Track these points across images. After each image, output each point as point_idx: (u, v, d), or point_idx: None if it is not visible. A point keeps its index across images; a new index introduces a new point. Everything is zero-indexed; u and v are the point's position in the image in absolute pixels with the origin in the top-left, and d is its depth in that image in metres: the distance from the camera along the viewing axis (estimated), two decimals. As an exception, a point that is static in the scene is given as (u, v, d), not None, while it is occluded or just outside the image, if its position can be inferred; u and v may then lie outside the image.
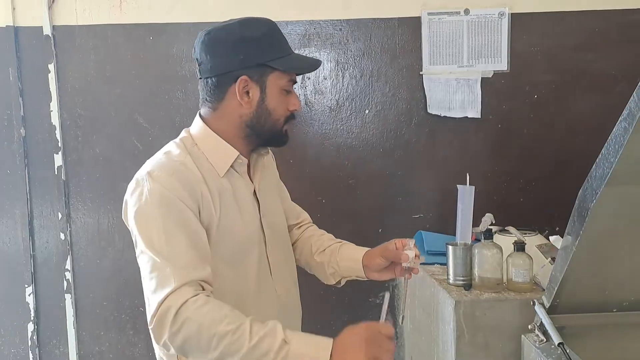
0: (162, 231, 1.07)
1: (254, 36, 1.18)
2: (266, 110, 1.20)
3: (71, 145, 2.13)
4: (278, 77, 1.19)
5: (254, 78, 1.18)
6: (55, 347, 2.18)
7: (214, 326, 0.99)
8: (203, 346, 1.00)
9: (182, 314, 1.00)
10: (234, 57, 1.17)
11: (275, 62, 1.18)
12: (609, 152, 1.14)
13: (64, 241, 2.14)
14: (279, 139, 1.26)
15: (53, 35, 2.09)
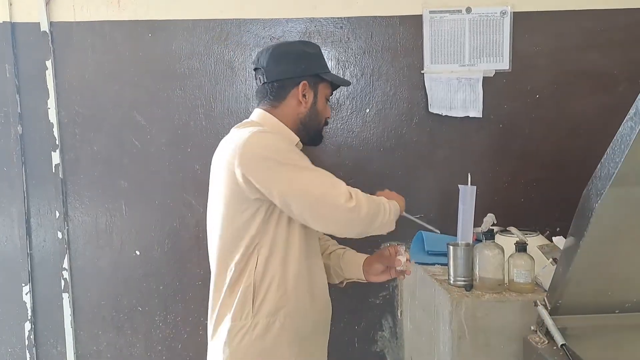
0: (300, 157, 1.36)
1: (312, 52, 1.51)
2: (316, 112, 1.51)
3: (69, 143, 2.11)
4: (325, 87, 1.53)
5: (311, 84, 1.48)
6: (52, 346, 2.17)
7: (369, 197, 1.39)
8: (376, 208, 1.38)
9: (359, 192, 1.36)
10: (297, 66, 1.47)
11: (326, 75, 1.52)
12: (614, 152, 1.13)
13: (61, 240, 2.12)
14: (317, 138, 1.55)
15: (50, 31, 2.07)
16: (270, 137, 1.36)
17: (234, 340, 1.37)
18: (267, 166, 1.31)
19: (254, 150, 1.32)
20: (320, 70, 1.50)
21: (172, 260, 2.15)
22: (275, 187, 1.31)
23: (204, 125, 2.12)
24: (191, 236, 2.14)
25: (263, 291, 1.37)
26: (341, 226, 1.35)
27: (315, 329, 1.48)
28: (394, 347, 2.23)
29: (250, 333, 1.37)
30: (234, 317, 1.38)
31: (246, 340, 1.37)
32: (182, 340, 2.18)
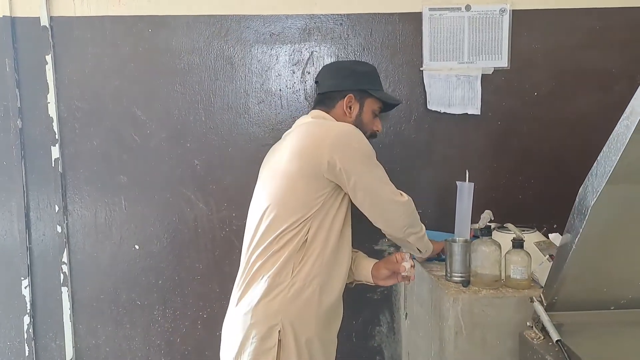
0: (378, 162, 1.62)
1: (362, 70, 1.75)
2: (361, 123, 1.69)
3: (68, 138, 2.11)
4: (373, 102, 1.72)
5: (357, 97, 1.69)
6: (51, 340, 2.17)
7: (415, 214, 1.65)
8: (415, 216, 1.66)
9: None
10: (346, 80, 1.70)
11: (374, 91, 1.72)
12: (610, 150, 1.14)
13: (60, 234, 2.13)
14: None
15: (51, 26, 2.07)
16: (358, 130, 1.59)
17: (268, 296, 1.51)
18: (356, 156, 1.53)
19: (350, 138, 1.55)
20: (368, 87, 1.71)
21: (171, 254, 2.16)
22: (354, 175, 1.52)
23: (204, 121, 2.12)
24: (190, 231, 2.15)
25: (305, 259, 1.53)
26: (394, 217, 1.59)
27: (336, 307, 1.61)
28: (391, 342, 2.25)
29: (286, 291, 1.51)
30: (272, 277, 1.52)
31: (280, 297, 1.50)
32: (181, 334, 2.19)
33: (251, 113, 2.13)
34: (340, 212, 1.58)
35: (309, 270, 1.53)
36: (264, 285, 1.52)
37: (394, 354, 2.25)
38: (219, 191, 2.14)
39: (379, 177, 1.59)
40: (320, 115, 1.69)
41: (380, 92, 1.75)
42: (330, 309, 1.57)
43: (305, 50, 2.11)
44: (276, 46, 2.11)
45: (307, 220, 1.53)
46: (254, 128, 2.13)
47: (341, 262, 1.60)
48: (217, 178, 2.14)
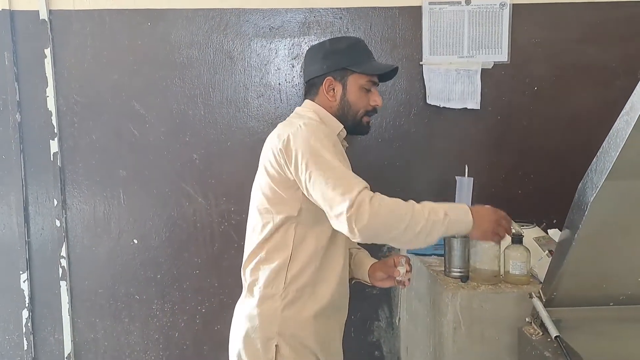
0: (332, 154, 1.39)
1: (339, 48, 1.59)
2: (347, 103, 1.58)
3: (67, 132, 2.11)
4: (357, 77, 1.58)
5: (337, 78, 1.58)
6: (49, 334, 2.18)
7: (398, 209, 1.33)
8: (392, 224, 1.32)
9: (374, 204, 1.31)
10: (324, 64, 1.58)
11: (354, 66, 1.57)
12: (610, 146, 1.13)
13: (59, 228, 2.13)
14: (359, 128, 1.62)
15: (49, 19, 2.06)
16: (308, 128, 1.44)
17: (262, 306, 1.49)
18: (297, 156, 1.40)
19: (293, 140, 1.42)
20: (346, 64, 1.57)
21: (169, 249, 2.16)
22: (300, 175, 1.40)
23: (203, 115, 2.12)
24: (189, 225, 2.15)
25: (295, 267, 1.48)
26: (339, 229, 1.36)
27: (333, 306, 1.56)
28: (390, 337, 2.25)
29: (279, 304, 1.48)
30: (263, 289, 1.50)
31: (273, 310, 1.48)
32: (179, 328, 2.19)
33: (250, 107, 2.13)
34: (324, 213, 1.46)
35: (301, 279, 1.49)
36: (257, 297, 1.51)
37: (392, 349, 2.25)
38: (217, 185, 2.14)
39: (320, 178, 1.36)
40: (304, 108, 1.61)
41: (363, 66, 1.58)
42: (324, 311, 1.52)
43: (304, 44, 2.10)
44: (275, 40, 2.10)
45: (291, 224, 1.47)
46: (253, 122, 2.13)
47: (334, 265, 1.54)
48: (216, 172, 2.13)
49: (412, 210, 1.33)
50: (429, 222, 1.33)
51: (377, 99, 1.61)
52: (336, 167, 1.37)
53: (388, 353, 2.25)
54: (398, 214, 1.32)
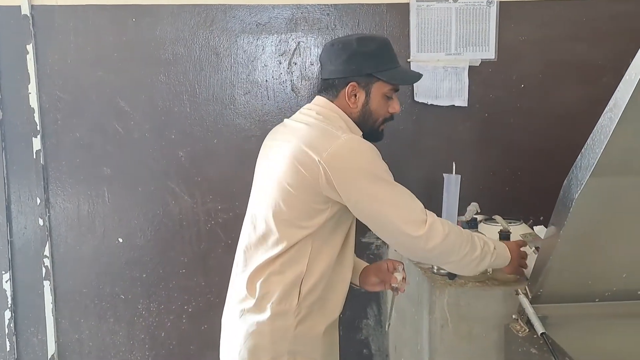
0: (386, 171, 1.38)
1: (367, 51, 1.47)
2: (369, 111, 1.49)
3: (50, 129, 2.07)
4: (382, 85, 1.48)
5: (362, 84, 1.47)
6: (32, 335, 2.15)
7: (461, 234, 1.38)
8: (457, 247, 1.36)
9: (445, 226, 1.34)
10: (348, 66, 1.46)
11: (381, 74, 1.47)
12: (594, 143, 1.13)
13: (42, 227, 2.09)
14: (375, 135, 1.53)
15: (32, 15, 2.02)
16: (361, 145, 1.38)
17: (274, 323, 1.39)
18: (356, 177, 1.34)
19: (349, 157, 1.35)
20: (373, 70, 1.46)
21: (155, 247, 2.13)
22: (353, 196, 1.35)
23: (189, 112, 2.09)
24: (175, 224, 2.12)
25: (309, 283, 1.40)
26: (402, 250, 1.41)
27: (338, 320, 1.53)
28: (379, 335, 2.25)
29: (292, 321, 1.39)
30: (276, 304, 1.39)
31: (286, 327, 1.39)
32: (166, 328, 2.17)
33: (237, 104, 2.11)
34: (343, 225, 1.44)
35: (314, 294, 1.41)
36: (268, 313, 1.39)
37: (381, 347, 2.25)
38: (204, 183, 2.12)
39: (387, 200, 1.35)
40: (324, 109, 1.48)
41: (389, 73, 1.48)
42: (332, 324, 1.48)
43: (292, 40, 2.09)
44: (262, 36, 2.09)
45: (309, 238, 1.38)
46: (240, 119, 2.11)
47: (343, 277, 1.47)
48: (202, 170, 2.11)
49: (471, 238, 1.38)
50: (482, 252, 1.39)
51: (397, 107, 1.53)
52: (395, 187, 1.37)
53: (377, 351, 2.25)
54: (462, 240, 1.36)
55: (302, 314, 1.40)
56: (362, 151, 1.37)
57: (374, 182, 1.35)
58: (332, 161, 1.32)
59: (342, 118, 1.47)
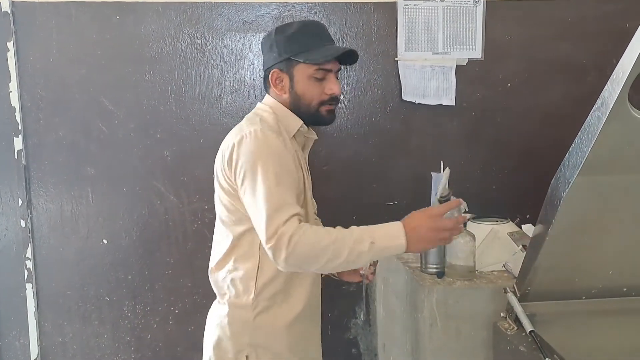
0: (274, 176, 1.32)
1: (285, 36, 1.44)
2: (297, 95, 1.45)
3: (32, 128, 2.04)
4: (304, 67, 1.43)
5: (283, 70, 1.45)
6: (15, 338, 2.11)
7: (320, 241, 1.28)
8: (313, 258, 1.29)
9: (293, 240, 1.26)
10: (271, 55, 1.47)
11: (299, 56, 1.42)
12: (582, 142, 1.14)
13: (24, 228, 2.05)
14: (317, 118, 1.48)
15: (12, 11, 1.98)
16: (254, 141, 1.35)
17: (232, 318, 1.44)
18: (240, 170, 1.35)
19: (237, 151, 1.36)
20: (291, 53, 1.43)
21: (140, 248, 2.11)
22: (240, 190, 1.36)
23: (174, 111, 2.07)
24: (160, 224, 2.10)
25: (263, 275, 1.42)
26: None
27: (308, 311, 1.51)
28: (367, 334, 2.24)
29: (249, 315, 1.42)
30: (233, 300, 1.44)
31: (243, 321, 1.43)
32: (152, 330, 2.14)
33: (224, 103, 2.09)
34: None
35: (272, 287, 1.43)
36: (227, 306, 1.45)
37: (369, 346, 2.24)
38: (190, 183, 2.09)
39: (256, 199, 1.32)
40: (262, 103, 1.51)
41: (307, 54, 1.42)
42: (299, 317, 1.47)
43: (278, 39, 2.07)
44: (249, 34, 2.07)
45: (252, 231, 1.37)
46: (227, 118, 2.09)
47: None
48: (189, 170, 2.09)
49: (334, 243, 1.27)
50: (352, 253, 1.28)
51: (334, 87, 1.45)
52: (267, 190, 1.30)
53: (365, 350, 2.25)
54: (318, 248, 1.27)
55: (260, 307, 1.43)
56: (251, 144, 1.35)
57: (252, 179, 1.33)
58: (230, 155, 1.37)
59: (275, 110, 1.46)
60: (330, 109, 1.48)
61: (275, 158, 1.34)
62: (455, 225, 1.33)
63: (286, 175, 1.35)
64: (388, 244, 1.30)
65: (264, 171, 1.32)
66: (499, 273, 1.65)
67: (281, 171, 1.34)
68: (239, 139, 1.36)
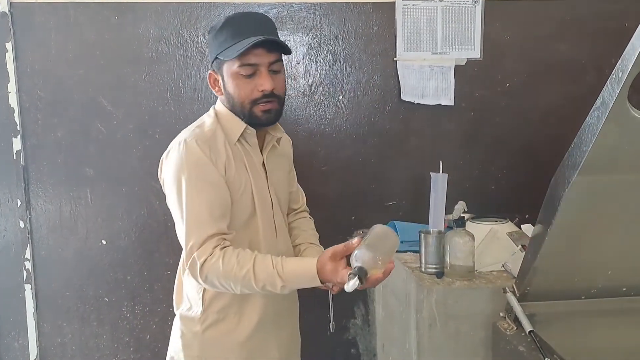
0: (194, 191, 1.29)
1: (212, 34, 1.37)
2: (229, 95, 1.37)
3: (31, 129, 2.03)
4: (229, 64, 1.34)
5: (215, 70, 1.39)
6: (13, 339, 2.10)
7: (228, 276, 1.25)
8: (225, 288, 1.28)
9: (204, 269, 1.26)
10: (209, 57, 1.40)
11: (222, 54, 1.33)
12: (581, 141, 1.14)
13: (23, 229, 2.05)
14: (253, 119, 1.37)
15: (11, 12, 1.98)
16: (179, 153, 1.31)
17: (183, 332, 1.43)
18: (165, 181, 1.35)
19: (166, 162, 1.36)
20: (217, 51, 1.34)
21: (139, 249, 2.10)
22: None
23: (173, 111, 2.07)
24: (159, 225, 2.09)
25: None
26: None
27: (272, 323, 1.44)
28: (366, 334, 2.24)
29: (199, 328, 1.40)
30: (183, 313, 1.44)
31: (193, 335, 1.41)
32: (150, 331, 2.14)
33: (222, 104, 2.08)
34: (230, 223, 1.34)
35: (221, 300, 1.38)
36: (178, 319, 1.45)
37: (368, 346, 2.24)
38: (189, 184, 2.09)
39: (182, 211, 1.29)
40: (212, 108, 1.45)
41: (227, 50, 1.31)
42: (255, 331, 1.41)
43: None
44: (247, 35, 2.07)
45: None
46: (225, 119, 2.08)
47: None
48: (188, 170, 2.09)
49: (242, 280, 1.25)
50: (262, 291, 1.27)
51: (265, 83, 1.31)
52: (186, 208, 1.28)
53: (364, 350, 2.24)
54: (226, 284, 1.27)
55: (209, 320, 1.39)
56: (175, 158, 1.31)
57: (172, 196, 1.32)
58: (160, 167, 1.38)
59: (219, 114, 1.40)
60: (266, 108, 1.34)
61: (197, 172, 1.29)
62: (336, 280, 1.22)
63: (208, 191, 1.29)
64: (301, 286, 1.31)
65: (185, 187, 1.28)
66: (498, 273, 1.65)
67: (202, 187, 1.29)
68: (167, 151, 1.36)
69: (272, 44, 1.32)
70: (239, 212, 1.37)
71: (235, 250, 1.28)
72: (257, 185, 1.40)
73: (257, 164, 1.42)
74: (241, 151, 1.39)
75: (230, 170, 1.34)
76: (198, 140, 1.31)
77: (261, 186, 1.42)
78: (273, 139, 1.47)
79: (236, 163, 1.36)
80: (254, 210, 1.40)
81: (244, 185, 1.37)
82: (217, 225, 1.29)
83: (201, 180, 1.29)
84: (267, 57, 1.31)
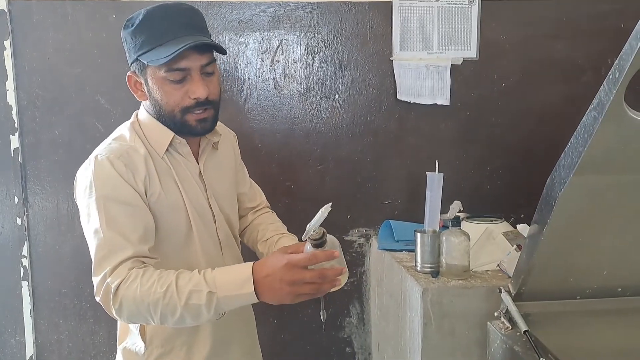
0: (103, 213, 1.13)
1: (129, 30, 1.18)
2: (156, 102, 1.22)
3: (29, 127, 2.03)
4: (155, 69, 1.17)
5: (138, 72, 1.21)
6: (10, 336, 2.10)
7: (146, 297, 1.07)
8: (144, 316, 1.10)
9: (118, 294, 1.09)
10: (126, 55, 1.23)
11: (144, 56, 1.16)
12: (577, 141, 1.14)
13: (20, 226, 2.05)
14: (186, 129, 1.23)
15: (9, 10, 1.97)
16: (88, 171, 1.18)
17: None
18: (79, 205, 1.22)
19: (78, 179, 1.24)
20: (139, 52, 1.16)
21: (137, 247, 2.10)
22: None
23: (170, 110, 2.06)
24: (157, 223, 2.09)
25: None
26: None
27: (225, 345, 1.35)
28: (361, 333, 2.25)
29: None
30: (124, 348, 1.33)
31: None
32: (148, 328, 2.14)
33: (219, 102, 2.08)
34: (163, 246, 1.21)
35: (162, 331, 1.24)
36: (120, 355, 1.32)
37: (363, 345, 2.25)
38: (186, 182, 2.09)
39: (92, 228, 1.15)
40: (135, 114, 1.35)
41: (151, 53, 1.14)
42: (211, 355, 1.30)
43: (274, 38, 2.07)
44: (245, 34, 2.07)
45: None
46: (222, 118, 2.07)
47: None
48: (185, 169, 2.09)
49: (163, 298, 1.06)
50: (188, 309, 1.06)
51: (197, 90, 1.16)
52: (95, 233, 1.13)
53: (359, 349, 2.25)
54: (144, 307, 1.08)
55: (154, 354, 1.26)
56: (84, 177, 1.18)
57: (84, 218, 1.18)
58: (74, 185, 1.26)
59: (142, 121, 1.27)
60: (202, 117, 1.20)
61: (108, 192, 1.14)
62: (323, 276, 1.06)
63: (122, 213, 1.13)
64: (232, 293, 1.06)
65: (95, 209, 1.13)
66: (494, 272, 1.65)
67: (115, 208, 1.13)
68: (80, 168, 1.22)
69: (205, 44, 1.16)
70: (172, 232, 1.22)
71: (157, 270, 1.11)
72: (192, 199, 1.26)
73: (192, 176, 1.28)
74: (169, 164, 1.24)
75: (153, 187, 1.19)
76: (111, 156, 1.16)
77: (198, 200, 1.27)
78: (209, 144, 1.34)
79: (162, 179, 1.21)
80: (191, 228, 1.26)
81: (175, 202, 1.22)
82: (135, 249, 1.11)
83: (112, 200, 1.13)
84: (199, 59, 1.16)
